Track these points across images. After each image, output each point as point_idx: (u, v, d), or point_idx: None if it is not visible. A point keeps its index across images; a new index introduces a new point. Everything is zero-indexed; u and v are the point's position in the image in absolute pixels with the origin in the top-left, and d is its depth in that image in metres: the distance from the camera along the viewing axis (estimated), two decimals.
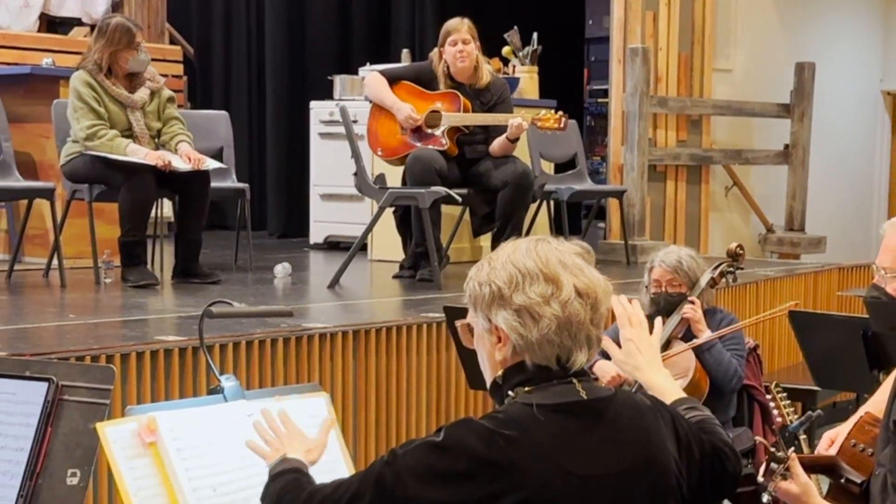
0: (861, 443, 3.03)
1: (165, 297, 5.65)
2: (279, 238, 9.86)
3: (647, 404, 2.13)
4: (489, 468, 1.91)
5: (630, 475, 2.00)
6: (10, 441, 2.60)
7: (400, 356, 4.70)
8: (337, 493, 1.97)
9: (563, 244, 2.08)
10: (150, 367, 3.93)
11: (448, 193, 6.06)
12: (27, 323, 4.81)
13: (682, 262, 4.47)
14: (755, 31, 9.12)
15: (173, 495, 2.36)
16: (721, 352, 4.43)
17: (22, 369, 2.68)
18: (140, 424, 2.39)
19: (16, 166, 6.26)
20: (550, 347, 2.00)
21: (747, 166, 9.04)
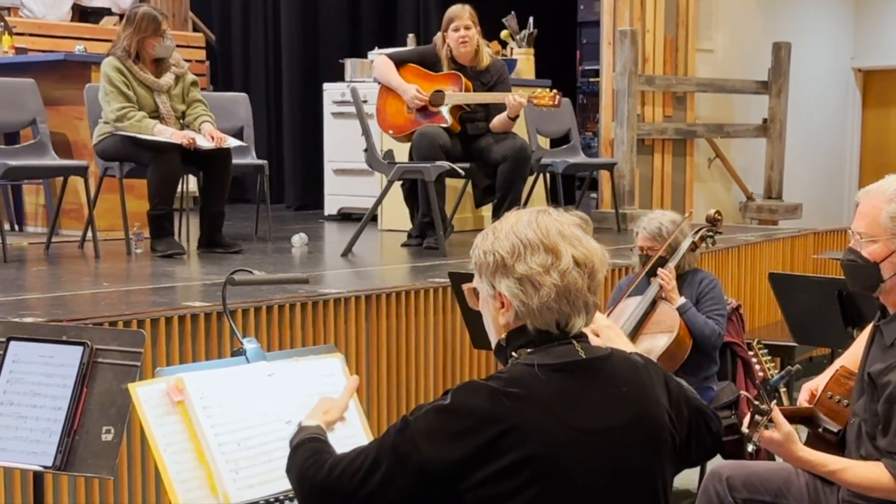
0: (837, 394, 3.02)
1: (191, 266, 5.64)
2: (296, 210, 9.84)
3: (640, 362, 2.12)
4: (495, 425, 1.89)
5: (627, 428, 1.98)
6: (48, 401, 2.60)
7: (409, 319, 4.70)
8: (356, 463, 1.95)
9: (563, 215, 2.06)
10: (178, 331, 3.93)
11: (452, 167, 6.05)
12: (64, 291, 4.80)
13: (661, 229, 4.47)
14: (735, 13, 9.09)
15: (200, 450, 2.35)
16: (695, 315, 4.41)
17: (59, 334, 2.68)
18: (169, 384, 2.38)
19: (52, 146, 6.26)
20: (550, 313, 1.98)
21: (728, 139, 9.02)
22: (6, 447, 2.59)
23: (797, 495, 3.03)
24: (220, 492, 2.32)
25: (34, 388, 2.61)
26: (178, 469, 2.31)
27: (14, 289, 4.79)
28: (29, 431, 2.58)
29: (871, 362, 2.80)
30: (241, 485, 2.35)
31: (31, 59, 7.19)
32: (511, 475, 1.88)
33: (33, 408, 2.59)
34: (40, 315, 3.92)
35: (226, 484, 2.33)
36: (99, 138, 5.94)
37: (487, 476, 1.88)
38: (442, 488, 1.91)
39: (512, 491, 1.88)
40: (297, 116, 10.14)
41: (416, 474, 1.91)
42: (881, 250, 2.74)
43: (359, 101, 6.57)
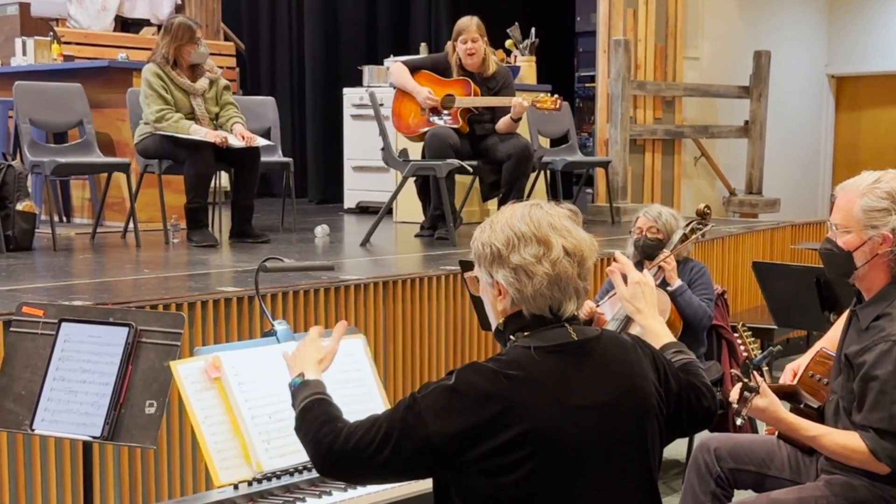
0: (817, 374, 3.01)
1: (224, 255, 5.63)
2: (318, 204, 9.83)
3: (629, 342, 2.10)
4: (496, 403, 1.88)
5: (618, 403, 1.97)
6: (97, 377, 2.60)
7: (422, 303, 4.69)
8: (369, 435, 1.94)
9: (554, 208, 2.04)
10: (214, 314, 3.92)
11: (461, 165, 6.04)
12: (108, 277, 4.80)
13: (661, 215, 4.53)
14: (719, 24, 9.05)
15: (235, 422, 2.35)
16: (690, 296, 4.43)
17: (106, 316, 2.67)
18: (206, 362, 2.39)
19: (97, 145, 6.26)
20: (543, 300, 1.97)
21: (713, 140, 8.99)
22: (59, 419, 2.59)
23: (779, 465, 3.02)
24: (253, 461, 2.33)
25: (84, 365, 2.61)
26: (215, 440, 2.31)
27: (63, 275, 4.80)
28: (79, 405, 2.57)
29: (847, 344, 2.78)
30: (273, 454, 2.35)
31: (78, 65, 7.17)
32: (511, 449, 1.87)
33: (83, 383, 2.59)
34: (87, 299, 3.91)
35: (259, 453, 2.34)
36: (140, 138, 5.93)
37: (489, 450, 1.87)
38: (447, 459, 1.91)
39: (512, 463, 1.87)
40: (320, 118, 10.12)
41: (424, 446, 1.90)
42: (854, 240, 2.72)
43: (376, 105, 6.56)
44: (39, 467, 3.47)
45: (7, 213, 5.47)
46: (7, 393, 2.64)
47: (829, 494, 2.74)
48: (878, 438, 2.60)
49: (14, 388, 2.64)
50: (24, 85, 6.19)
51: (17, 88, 6.12)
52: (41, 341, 2.66)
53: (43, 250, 5.59)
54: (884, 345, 2.61)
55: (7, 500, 3.41)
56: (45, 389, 2.61)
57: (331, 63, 10.18)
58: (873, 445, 2.61)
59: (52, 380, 2.61)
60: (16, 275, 4.69)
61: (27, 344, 2.67)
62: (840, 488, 2.73)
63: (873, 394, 2.62)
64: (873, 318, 2.71)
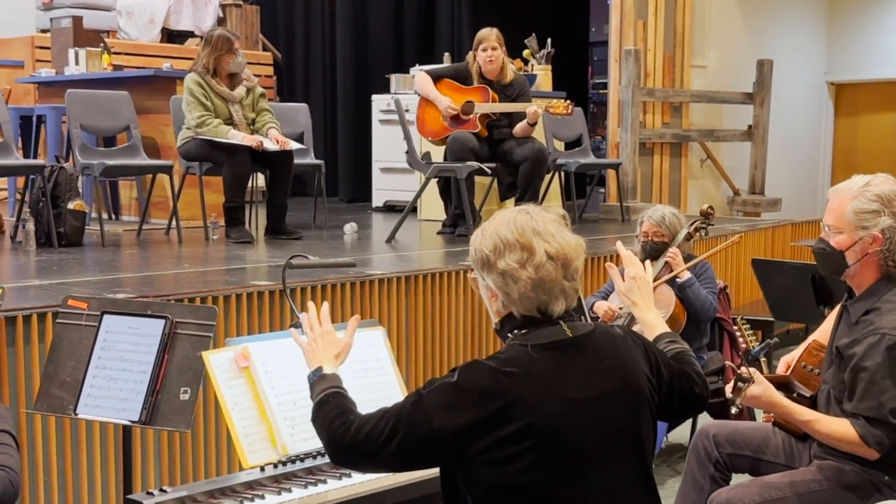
0: (810, 364, 2.98)
1: (259, 250, 5.64)
2: (349, 203, 9.84)
3: (620, 335, 2.07)
4: (496, 400, 1.87)
5: (611, 394, 1.95)
6: (135, 365, 2.61)
7: (442, 296, 4.67)
8: (378, 428, 1.93)
9: (540, 213, 2.00)
10: (248, 306, 3.92)
11: (480, 167, 6.02)
12: (152, 271, 4.81)
13: (664, 218, 4.48)
14: (724, 35, 8.98)
15: (262, 408, 2.35)
16: (699, 289, 4.41)
17: (144, 309, 2.68)
18: (236, 353, 2.39)
19: (142, 148, 6.29)
20: (529, 301, 1.95)
21: (718, 143, 8.93)
22: (100, 404, 2.60)
23: (774, 451, 2.99)
24: (279, 444, 2.33)
25: (123, 354, 2.62)
26: (243, 424, 2.31)
27: (110, 269, 4.81)
28: (119, 391, 2.59)
29: (838, 337, 2.76)
30: (297, 438, 2.35)
31: (126, 74, 7.21)
32: (512, 442, 1.85)
33: (123, 371, 2.60)
34: (130, 291, 3.92)
35: (284, 437, 2.33)
36: (182, 142, 5.96)
37: (491, 443, 1.86)
38: (451, 451, 1.89)
39: (514, 455, 1.86)
40: (350, 123, 10.13)
41: (429, 440, 1.89)
42: (846, 240, 2.69)
43: (401, 111, 6.56)
44: (83, 449, 3.48)
45: (59, 212, 5.50)
46: (53, 380, 2.66)
47: (820, 479, 2.71)
48: (868, 426, 2.58)
49: (60, 375, 2.66)
50: (75, 93, 6.23)
51: (69, 96, 6.16)
52: (85, 332, 2.68)
53: (92, 246, 5.61)
54: (872, 337, 2.59)
55: (55, 479, 3.43)
56: (88, 377, 2.62)
57: (360, 71, 10.17)
58: (863, 432, 2.58)
59: (94, 368, 2.63)
60: (66, 269, 4.71)
61: (72, 334, 2.69)
62: (831, 472, 2.71)
63: (863, 384, 2.59)
64: (863, 312, 2.69)
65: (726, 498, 2.73)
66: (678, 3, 8.36)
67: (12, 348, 3.33)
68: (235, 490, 2.19)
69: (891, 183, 2.73)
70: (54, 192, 5.51)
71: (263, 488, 2.21)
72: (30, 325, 3.36)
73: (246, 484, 2.22)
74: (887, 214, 2.66)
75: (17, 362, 3.34)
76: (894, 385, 2.55)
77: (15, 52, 8.79)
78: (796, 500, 2.68)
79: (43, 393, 2.66)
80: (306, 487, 2.23)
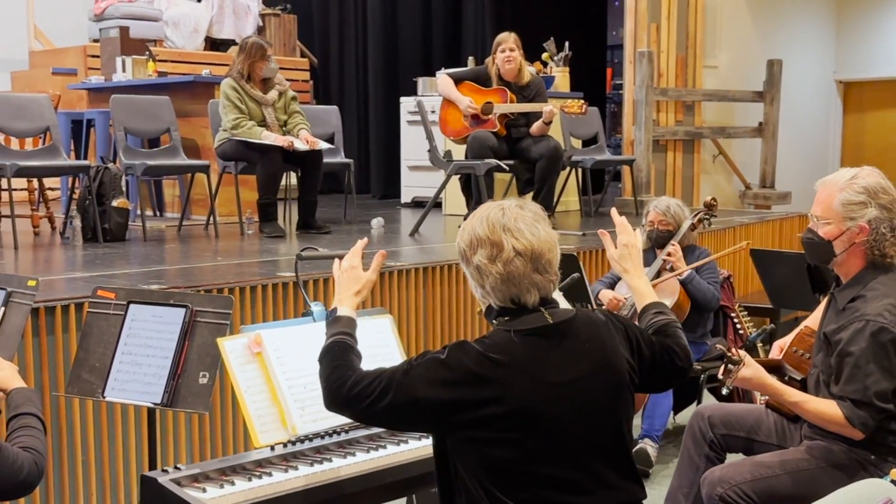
0: (801, 349, 2.95)
1: (290, 244, 5.65)
2: (380, 199, 9.84)
3: (601, 319, 2.05)
4: (479, 381, 1.87)
5: (592, 378, 1.93)
6: (158, 351, 2.63)
7: (459, 287, 4.65)
8: (371, 387, 1.94)
9: (513, 209, 1.97)
10: (269, 297, 3.94)
11: (498, 164, 6.00)
12: (189, 264, 4.85)
13: (669, 208, 4.48)
14: (735, 36, 8.88)
15: (274, 391, 2.36)
16: (700, 282, 4.36)
17: (167, 299, 2.70)
18: (250, 339, 2.39)
19: (183, 149, 6.33)
20: (501, 294, 1.95)
21: (730, 139, 8.83)
22: (126, 388, 2.63)
23: (766, 431, 2.96)
24: (289, 425, 2.33)
25: (147, 341, 2.64)
26: (255, 406, 2.32)
27: (149, 262, 4.86)
28: (143, 375, 2.61)
29: (826, 323, 2.72)
30: (307, 419, 2.35)
31: (168, 80, 7.26)
32: (493, 423, 1.85)
33: (146, 357, 2.62)
34: (167, 283, 3.95)
35: (294, 419, 2.34)
36: (219, 143, 5.99)
37: (472, 420, 1.86)
38: (434, 419, 1.91)
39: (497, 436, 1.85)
40: (381, 123, 10.13)
41: (413, 406, 1.91)
42: (834, 230, 2.66)
43: (424, 113, 6.55)
44: (110, 429, 3.52)
45: (104, 209, 5.56)
46: (84, 365, 2.69)
47: (809, 458, 2.68)
48: (853, 408, 2.55)
49: (89, 360, 2.69)
50: (119, 98, 6.29)
51: (114, 101, 6.22)
52: (112, 320, 2.70)
53: (135, 241, 5.66)
54: (858, 324, 2.56)
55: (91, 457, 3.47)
56: (115, 362, 2.65)
57: (390, 75, 10.18)
58: (849, 414, 2.55)
59: (120, 353, 2.65)
60: (109, 262, 4.76)
61: (101, 322, 2.72)
62: (820, 452, 2.67)
63: (848, 368, 2.56)
64: (849, 299, 2.65)
65: (719, 476, 2.70)
66: (690, 6, 8.28)
67: (51, 336, 3.37)
68: (246, 468, 2.20)
69: (877, 176, 2.70)
70: (99, 191, 5.57)
71: (272, 466, 2.22)
72: (67, 314, 3.40)
73: (256, 462, 2.23)
74: (873, 206, 2.63)
75: (56, 349, 3.38)
76: (878, 369, 2.52)
77: (69, 61, 8.89)
78: (786, 478, 2.65)
79: (74, 377, 2.69)
80: (312, 465, 2.23)
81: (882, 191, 2.67)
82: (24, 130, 5.81)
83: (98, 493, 3.49)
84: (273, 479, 2.15)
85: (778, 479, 2.63)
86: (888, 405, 2.54)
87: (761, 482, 2.63)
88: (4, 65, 9.38)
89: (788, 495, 2.62)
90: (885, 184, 2.70)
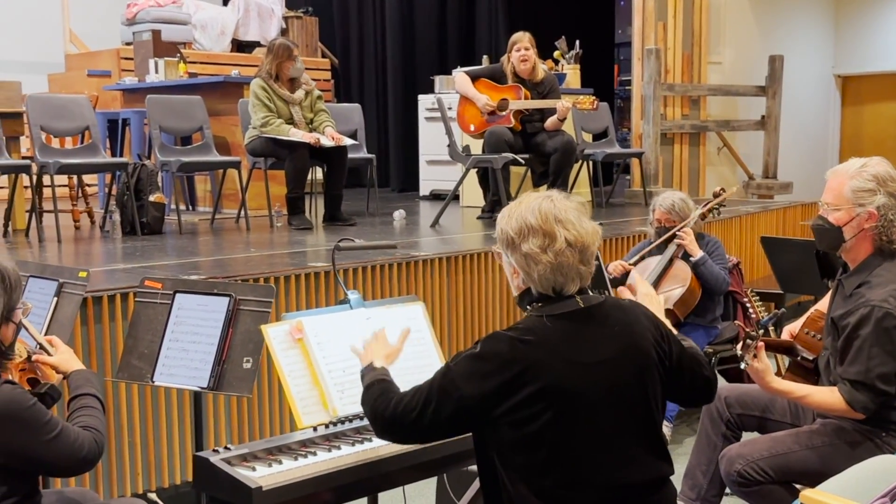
0: (812, 331, 2.95)
1: (318, 235, 5.67)
2: (399, 192, 9.83)
3: (629, 305, 2.05)
4: (515, 366, 1.86)
5: (621, 359, 1.93)
6: (204, 338, 2.64)
7: (481, 275, 4.67)
8: (413, 401, 1.94)
9: (562, 201, 1.97)
10: (305, 285, 3.95)
11: (514, 158, 6.00)
12: (223, 255, 4.86)
13: (674, 206, 4.42)
14: (738, 33, 8.82)
15: (315, 375, 2.37)
16: (711, 265, 4.35)
17: (211, 288, 2.71)
18: (291, 326, 2.40)
19: (214, 146, 6.34)
20: (547, 282, 1.93)
21: (734, 132, 8.78)
22: (174, 373, 2.64)
23: (780, 411, 2.96)
24: (329, 407, 2.34)
25: (194, 328, 2.66)
26: (298, 390, 2.33)
27: (186, 254, 4.88)
28: (190, 361, 2.63)
29: (834, 309, 2.72)
30: (346, 402, 2.36)
31: (199, 81, 7.27)
32: (531, 403, 1.85)
33: (193, 343, 2.64)
34: (204, 273, 3.97)
35: (334, 401, 2.35)
36: (249, 140, 6.00)
37: (513, 405, 1.85)
38: (479, 415, 1.89)
39: (534, 415, 1.85)
40: (399, 120, 10.13)
41: (457, 406, 1.89)
42: (844, 216, 2.66)
43: (443, 109, 6.55)
44: (159, 413, 3.55)
45: (141, 204, 5.58)
46: (133, 351, 2.71)
47: (823, 435, 2.68)
48: (853, 390, 2.54)
49: (138, 347, 2.70)
50: (154, 98, 6.30)
51: (150, 101, 6.23)
52: (160, 309, 2.72)
53: (171, 234, 5.69)
54: (864, 309, 2.56)
55: (138, 439, 3.50)
56: (163, 348, 2.66)
57: (408, 74, 10.16)
58: (849, 398, 2.55)
59: (168, 340, 2.67)
60: (147, 254, 4.78)
61: (149, 311, 2.73)
62: (832, 429, 2.67)
63: (853, 351, 2.56)
64: (856, 286, 2.65)
65: (737, 452, 2.70)
66: (695, 5, 8.23)
67: (99, 325, 3.39)
68: (291, 448, 2.21)
69: (885, 165, 2.70)
70: (137, 187, 5.59)
71: (316, 446, 2.23)
72: (114, 303, 3.42)
73: (300, 442, 2.24)
74: (882, 193, 2.63)
75: (104, 337, 3.40)
76: (882, 353, 2.52)
77: (102, 63, 8.91)
78: (801, 454, 2.65)
79: (124, 364, 2.71)
80: (354, 445, 2.24)
81: (890, 179, 2.66)
82: (65, 130, 5.84)
83: (144, 473, 3.52)
84: (318, 458, 2.16)
85: (794, 455, 2.64)
86: (889, 387, 2.53)
87: (778, 458, 2.63)
88: (42, 67, 9.41)
89: (804, 470, 2.62)
90: (893, 172, 2.69)
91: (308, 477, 2.07)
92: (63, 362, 2.33)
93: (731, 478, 2.67)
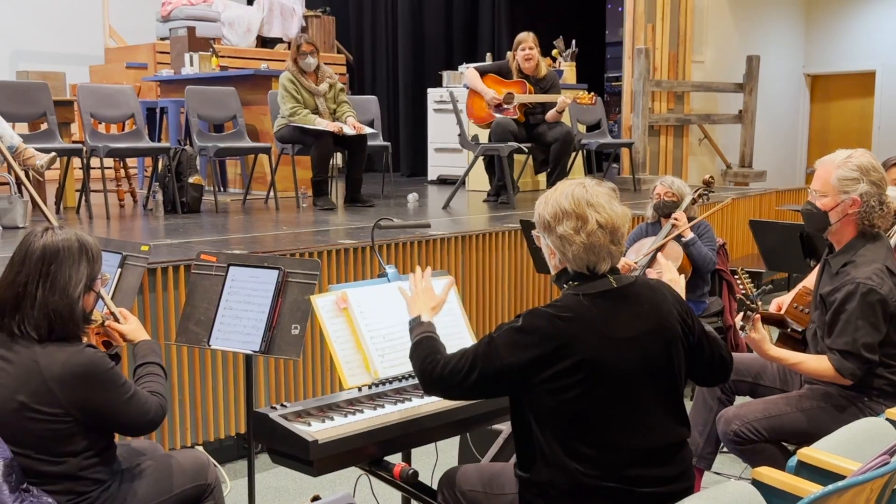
0: (801, 305, 2.96)
1: (340, 215, 5.67)
2: (408, 177, 9.82)
3: (656, 285, 2.05)
4: (554, 339, 1.87)
5: (650, 334, 1.94)
6: (255, 307, 2.65)
7: (490, 252, 4.69)
8: (460, 364, 1.95)
9: (594, 187, 1.97)
10: (336, 260, 3.96)
11: (518, 147, 6.00)
12: (255, 233, 4.87)
13: (674, 183, 4.46)
14: (719, 35, 8.80)
15: (358, 341, 2.38)
16: (700, 246, 4.36)
17: (261, 262, 2.72)
18: (337, 296, 2.41)
19: (246, 133, 6.33)
20: (581, 261, 1.94)
21: (713, 125, 8.78)
22: (228, 338, 2.66)
23: (770, 377, 2.99)
24: (372, 369, 2.36)
25: (246, 298, 2.67)
26: (343, 353, 2.34)
27: (222, 231, 4.88)
28: (243, 327, 2.64)
29: (822, 286, 2.73)
30: (387, 364, 2.38)
31: (231, 73, 7.24)
32: (568, 374, 1.86)
33: (246, 311, 2.65)
34: (242, 249, 3.98)
35: (376, 364, 2.37)
36: (277, 128, 5.99)
37: (550, 375, 1.86)
38: (519, 382, 1.90)
39: (569, 385, 1.86)
40: (409, 111, 10.10)
41: (499, 373, 1.90)
42: (830, 202, 2.67)
43: (455, 102, 6.53)
44: (214, 374, 3.57)
45: (182, 185, 5.58)
46: (191, 318, 2.72)
47: (811, 399, 2.70)
48: (842, 359, 2.57)
49: (195, 314, 2.72)
50: (193, 89, 6.28)
51: (188, 91, 6.21)
52: (215, 280, 2.73)
53: (208, 212, 5.69)
54: (850, 286, 2.58)
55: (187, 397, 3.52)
56: (218, 316, 2.68)
57: (417, 69, 10.12)
58: (838, 365, 2.57)
59: (223, 308, 2.68)
60: (188, 231, 4.79)
61: (204, 282, 2.74)
62: (820, 394, 2.70)
63: (840, 324, 2.58)
64: (842, 265, 2.67)
65: (734, 413, 2.73)
66: (681, 8, 8.21)
67: (153, 294, 3.41)
68: (340, 406, 2.23)
69: (868, 156, 2.71)
70: (178, 169, 5.59)
71: (362, 405, 2.25)
72: (167, 275, 3.44)
73: (348, 401, 2.26)
74: (865, 182, 2.64)
75: (158, 305, 3.42)
76: (866, 324, 2.54)
77: (139, 56, 8.87)
78: (792, 416, 2.68)
79: (182, 329, 2.72)
80: (395, 404, 2.26)
81: (873, 169, 2.68)
82: (112, 117, 5.82)
83: (192, 428, 3.54)
84: (365, 416, 2.18)
85: (786, 417, 2.66)
86: (874, 356, 2.56)
87: (771, 420, 2.66)
88: (84, 59, 9.36)
89: (794, 431, 2.65)
90: (875, 163, 2.70)
91: (358, 432, 2.09)
92: (131, 332, 2.34)
93: (728, 437, 2.70)
